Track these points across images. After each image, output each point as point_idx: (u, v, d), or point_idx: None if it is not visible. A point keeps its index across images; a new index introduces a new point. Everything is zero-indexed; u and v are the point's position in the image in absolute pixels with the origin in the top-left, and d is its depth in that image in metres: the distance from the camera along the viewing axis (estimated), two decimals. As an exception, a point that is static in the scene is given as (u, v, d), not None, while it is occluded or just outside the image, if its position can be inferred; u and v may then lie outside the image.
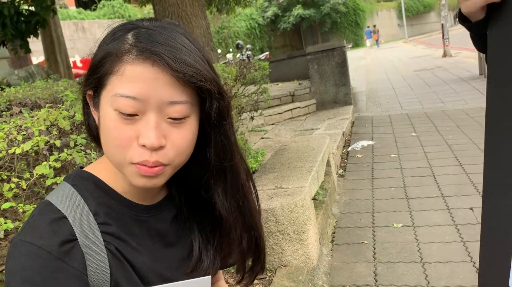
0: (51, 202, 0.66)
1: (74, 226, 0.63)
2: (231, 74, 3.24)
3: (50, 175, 1.26)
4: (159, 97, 0.62)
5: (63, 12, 20.86)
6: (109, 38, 0.66)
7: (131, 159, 0.64)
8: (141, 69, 0.61)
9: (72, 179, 0.70)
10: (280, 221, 2.58)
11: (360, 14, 33.73)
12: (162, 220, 0.75)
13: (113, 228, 0.68)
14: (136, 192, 0.72)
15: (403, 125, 6.41)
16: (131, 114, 0.62)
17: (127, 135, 0.63)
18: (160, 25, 0.67)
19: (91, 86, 0.68)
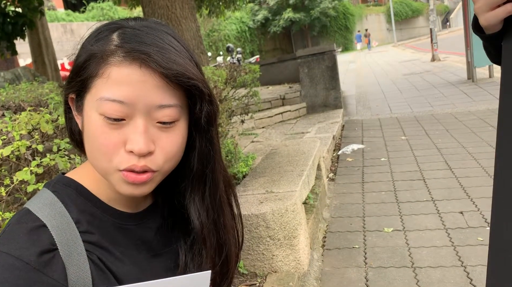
0: (30, 210, 0.62)
1: (54, 235, 0.59)
2: (221, 77, 3.21)
3: (32, 181, 1.21)
4: (147, 101, 0.59)
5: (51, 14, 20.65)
6: (93, 39, 0.63)
7: (117, 165, 0.61)
8: (128, 72, 0.58)
9: (52, 185, 0.67)
10: (270, 226, 2.54)
11: (349, 18, 34.01)
12: (147, 229, 0.72)
13: (96, 237, 0.64)
14: (121, 199, 0.69)
15: (392, 129, 6.43)
16: (117, 119, 0.59)
17: (113, 141, 0.60)
18: (147, 24, 0.64)
19: (73, 90, 0.64)
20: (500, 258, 0.67)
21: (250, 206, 2.65)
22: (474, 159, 4.50)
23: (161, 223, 0.74)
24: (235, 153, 3.45)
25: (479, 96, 7.79)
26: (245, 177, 3.36)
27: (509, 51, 0.64)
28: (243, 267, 2.63)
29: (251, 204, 2.68)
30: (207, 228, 0.73)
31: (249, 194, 2.87)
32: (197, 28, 5.62)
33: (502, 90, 0.65)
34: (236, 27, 29.79)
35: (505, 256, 0.66)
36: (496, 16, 0.63)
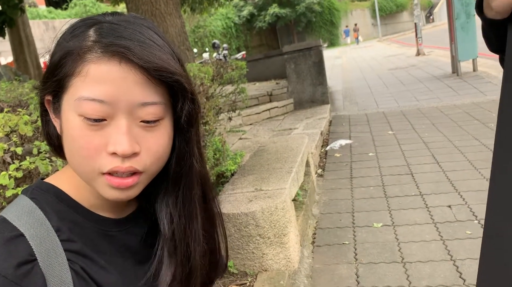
0: (6, 219, 0.58)
1: (33, 245, 0.56)
2: (207, 74, 3.16)
3: (10, 186, 1.16)
4: (129, 98, 0.56)
5: (33, 11, 20.24)
6: (68, 35, 0.59)
7: (100, 168, 0.57)
8: (107, 68, 0.55)
9: (30, 191, 0.63)
10: (260, 225, 2.52)
11: (335, 14, 34.11)
12: (132, 235, 0.68)
13: (78, 245, 0.61)
14: (104, 205, 0.65)
15: (379, 124, 6.46)
16: (98, 120, 0.56)
17: (95, 143, 0.56)
18: (125, 19, 0.60)
19: (49, 91, 0.60)
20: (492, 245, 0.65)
21: (239, 204, 2.62)
22: (461, 152, 4.54)
23: (146, 231, 0.71)
24: (223, 150, 3.41)
25: (464, 90, 7.87)
26: (233, 175, 3.32)
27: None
28: (233, 267, 2.60)
29: (240, 202, 2.65)
30: (179, 234, 0.68)
31: (238, 192, 2.84)
32: (182, 24, 5.54)
33: (504, 78, 0.63)
34: (221, 23, 29.63)
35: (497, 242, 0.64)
36: (506, 3, 0.59)
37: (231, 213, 2.55)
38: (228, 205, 2.66)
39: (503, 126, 0.63)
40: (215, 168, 3.16)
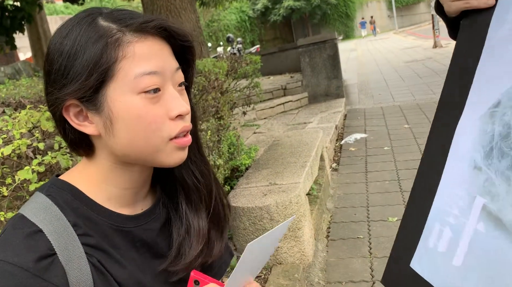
0: (24, 215, 0.60)
1: (51, 240, 0.58)
2: (222, 69, 3.18)
3: (34, 180, 1.20)
4: (169, 66, 0.63)
5: (50, 7, 20.52)
6: (86, 33, 0.59)
7: (169, 134, 0.62)
8: (149, 44, 0.61)
9: (46, 189, 0.64)
10: (274, 218, 2.54)
11: (350, 6, 33.67)
12: (148, 231, 0.69)
13: (95, 239, 0.62)
14: (119, 201, 0.67)
15: (395, 117, 6.39)
16: (156, 90, 0.61)
17: (160, 114, 0.61)
18: (113, 8, 0.66)
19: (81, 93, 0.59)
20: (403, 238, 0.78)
21: (254, 198, 2.64)
22: (478, 147, 4.47)
23: (164, 223, 0.73)
24: (238, 144, 3.43)
25: (482, 82, 7.71)
26: (248, 169, 3.35)
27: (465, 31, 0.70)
28: (248, 260, 2.63)
29: (254, 196, 2.68)
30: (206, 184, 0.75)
31: (252, 186, 2.87)
32: (197, 19, 5.57)
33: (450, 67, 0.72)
34: (235, 17, 29.56)
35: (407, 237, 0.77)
36: (458, 8, 0.69)
37: (245, 207, 2.57)
38: (242, 199, 2.68)
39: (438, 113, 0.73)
40: (229, 162, 3.19)
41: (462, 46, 0.70)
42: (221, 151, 2.90)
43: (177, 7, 5.23)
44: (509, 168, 0.61)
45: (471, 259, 0.65)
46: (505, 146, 0.62)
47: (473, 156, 0.66)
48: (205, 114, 2.77)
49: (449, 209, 0.69)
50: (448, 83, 0.73)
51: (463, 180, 0.68)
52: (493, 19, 0.64)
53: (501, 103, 0.63)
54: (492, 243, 0.63)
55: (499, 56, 0.63)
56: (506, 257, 0.61)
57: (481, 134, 0.65)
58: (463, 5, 0.68)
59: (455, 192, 0.69)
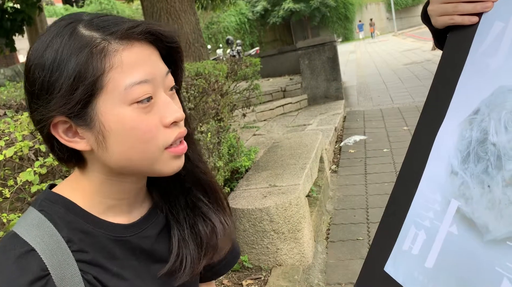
0: (16, 233, 0.58)
1: (44, 259, 0.56)
2: (222, 72, 3.19)
3: (35, 182, 1.21)
4: (159, 71, 0.60)
5: (50, 9, 20.56)
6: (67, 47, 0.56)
7: (165, 143, 0.60)
8: (136, 50, 0.58)
9: (39, 203, 0.62)
10: (274, 220, 2.55)
11: (349, 8, 33.76)
12: (145, 238, 0.68)
13: (90, 255, 0.61)
14: (115, 211, 0.65)
15: (394, 120, 6.41)
16: (149, 99, 0.58)
17: (154, 123, 0.59)
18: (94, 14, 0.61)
19: (68, 109, 0.56)
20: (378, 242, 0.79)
21: (254, 200, 2.65)
22: (477, 149, 4.48)
23: (162, 228, 0.71)
24: (238, 146, 3.44)
25: (481, 85, 7.74)
26: (248, 171, 3.35)
27: (450, 44, 0.74)
28: (248, 261, 2.64)
29: (254, 198, 2.68)
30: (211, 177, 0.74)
31: (252, 188, 2.87)
32: (197, 21, 5.59)
33: (435, 77, 0.75)
34: (235, 19, 29.62)
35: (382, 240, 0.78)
36: (444, 23, 0.73)
37: (245, 209, 2.58)
38: (242, 200, 2.69)
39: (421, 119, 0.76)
40: (229, 163, 3.20)
41: (447, 58, 0.74)
42: (221, 152, 2.91)
43: (177, 9, 5.25)
44: (484, 172, 0.63)
45: (443, 260, 0.67)
46: (481, 151, 0.64)
47: (450, 161, 0.69)
48: (205, 116, 2.78)
49: (425, 213, 0.71)
50: (432, 91, 0.76)
51: (440, 184, 0.69)
52: (476, 35, 0.69)
53: (480, 110, 0.66)
54: (464, 245, 0.64)
55: (480, 68, 0.67)
56: (477, 259, 0.62)
57: (459, 140, 0.68)
58: (448, 21, 0.72)
59: (432, 196, 0.70)
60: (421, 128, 0.76)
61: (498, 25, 0.66)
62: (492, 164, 0.62)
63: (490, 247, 0.61)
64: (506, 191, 0.60)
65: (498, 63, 0.65)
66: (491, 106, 0.64)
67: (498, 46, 0.65)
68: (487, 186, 0.63)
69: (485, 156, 0.64)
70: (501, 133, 0.62)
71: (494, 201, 0.61)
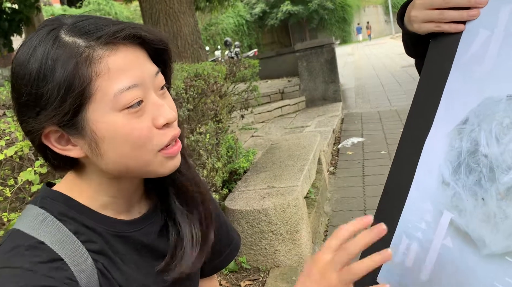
0: (20, 230, 0.57)
1: (56, 250, 0.56)
2: (221, 73, 3.20)
3: (36, 181, 1.21)
4: (148, 73, 0.59)
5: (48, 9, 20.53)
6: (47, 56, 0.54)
7: (159, 145, 0.59)
8: (122, 55, 0.56)
9: (39, 201, 0.61)
10: (272, 221, 2.55)
11: (347, 10, 33.84)
12: (147, 234, 0.68)
13: (98, 245, 0.61)
14: (114, 208, 0.66)
15: (392, 122, 6.43)
16: (139, 103, 0.57)
17: (146, 126, 0.58)
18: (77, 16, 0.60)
19: (58, 119, 0.55)
20: None
21: (252, 201, 2.66)
22: (474, 151, 4.50)
23: (162, 226, 0.72)
24: (236, 148, 3.45)
25: (478, 87, 7.77)
26: (246, 172, 3.36)
27: (434, 51, 0.72)
28: (246, 262, 2.64)
29: (253, 199, 2.69)
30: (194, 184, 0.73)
31: (250, 189, 2.88)
32: (195, 23, 5.59)
33: (418, 85, 0.74)
34: (233, 21, 29.64)
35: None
36: (429, 29, 0.71)
37: (244, 210, 2.59)
38: (241, 201, 2.70)
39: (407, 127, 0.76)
40: (228, 165, 3.21)
41: (431, 65, 0.72)
42: (219, 154, 2.92)
43: (176, 11, 5.25)
44: (477, 183, 0.62)
45: (438, 274, 0.66)
46: (472, 162, 0.63)
47: (441, 171, 0.67)
48: (204, 117, 2.78)
49: (416, 224, 0.69)
50: (416, 99, 0.74)
51: (431, 194, 0.68)
52: (461, 42, 0.68)
53: (468, 120, 0.65)
54: (460, 258, 0.63)
55: (466, 76, 0.66)
56: (474, 273, 0.61)
57: (449, 150, 0.67)
58: (434, 28, 0.70)
59: (423, 206, 0.69)
60: (407, 138, 0.75)
61: (484, 33, 0.65)
62: (485, 176, 0.62)
63: (488, 262, 0.60)
64: (501, 205, 0.59)
65: (484, 72, 0.64)
66: (480, 117, 0.63)
67: (484, 54, 0.64)
68: (480, 199, 0.62)
69: (477, 167, 0.63)
70: (492, 145, 0.61)
71: (489, 214, 0.61)
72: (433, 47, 0.72)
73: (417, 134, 0.72)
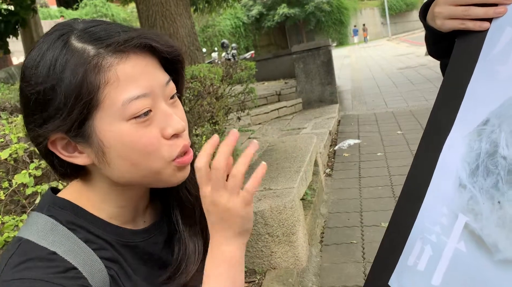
0: (31, 240, 0.56)
1: (69, 259, 0.55)
2: (217, 75, 3.20)
3: (30, 184, 1.21)
4: (158, 82, 0.58)
5: (44, 11, 20.48)
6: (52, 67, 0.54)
7: (170, 156, 0.58)
8: (132, 63, 0.55)
9: (47, 208, 0.60)
10: (269, 223, 2.55)
11: (344, 13, 33.98)
12: (154, 244, 0.68)
13: (110, 252, 0.61)
14: (120, 218, 0.65)
15: (388, 124, 6.45)
16: (147, 113, 0.56)
17: (154, 136, 0.57)
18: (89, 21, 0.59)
19: (67, 126, 0.55)
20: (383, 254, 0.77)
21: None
22: (470, 153, 4.52)
23: (167, 236, 0.71)
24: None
25: (474, 89, 7.80)
26: (242, 174, 3.36)
27: (458, 50, 0.70)
28: (242, 264, 2.64)
29: (249, 201, 2.69)
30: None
31: (247, 191, 2.88)
32: (192, 25, 5.60)
33: (442, 84, 0.72)
34: (230, 23, 29.68)
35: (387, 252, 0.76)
36: (453, 27, 0.68)
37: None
38: (237, 203, 2.69)
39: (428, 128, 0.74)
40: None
41: (455, 65, 0.71)
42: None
43: (172, 13, 5.26)
44: (494, 186, 0.61)
45: (450, 279, 0.64)
46: (491, 164, 0.62)
47: (458, 173, 0.66)
48: (200, 119, 2.78)
49: (431, 227, 0.68)
50: (439, 98, 0.73)
51: (448, 197, 0.67)
52: (486, 41, 0.65)
53: (489, 121, 0.63)
54: (473, 263, 0.62)
55: (489, 76, 0.64)
56: (486, 278, 0.60)
57: (468, 151, 0.65)
58: (458, 25, 0.68)
59: (439, 210, 0.68)
60: (428, 138, 0.73)
61: (510, 31, 0.62)
62: (502, 179, 0.60)
63: (500, 268, 0.59)
64: None
65: (508, 72, 0.62)
66: (501, 118, 0.61)
67: (509, 53, 0.62)
68: (497, 202, 0.60)
69: (495, 170, 0.61)
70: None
71: (505, 219, 0.59)
72: (458, 46, 0.70)
73: (437, 135, 0.71)
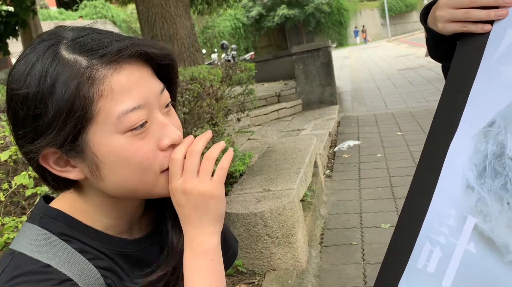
0: (23, 253, 0.54)
1: (64, 271, 0.54)
2: (217, 76, 3.21)
3: (30, 185, 1.21)
4: (153, 91, 0.57)
5: (44, 12, 20.49)
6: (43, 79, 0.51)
7: (162, 166, 0.58)
8: (126, 74, 0.53)
9: (39, 219, 0.58)
10: (268, 225, 2.55)
11: (343, 14, 34.04)
12: (149, 253, 0.68)
13: (106, 262, 0.60)
14: (116, 228, 0.64)
15: (388, 125, 6.45)
16: (143, 125, 0.55)
17: (150, 148, 0.56)
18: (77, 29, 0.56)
19: (59, 141, 0.52)
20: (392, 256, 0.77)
21: (248, 204, 2.66)
22: (470, 154, 4.52)
23: (162, 245, 0.70)
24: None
25: (473, 91, 7.81)
26: (242, 175, 3.36)
27: (461, 52, 0.70)
28: (242, 266, 2.64)
29: (248, 202, 2.69)
30: None
31: (246, 193, 2.88)
32: (192, 26, 5.61)
33: (445, 86, 0.72)
34: (230, 24, 29.70)
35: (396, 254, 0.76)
36: (455, 30, 0.68)
37: (239, 213, 2.59)
38: (237, 205, 2.70)
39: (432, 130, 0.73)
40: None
41: (457, 67, 0.71)
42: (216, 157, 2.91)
43: (172, 14, 5.26)
44: (503, 188, 0.61)
45: (461, 280, 0.64)
46: (498, 165, 0.62)
47: (465, 174, 0.66)
48: (200, 120, 2.79)
49: (439, 228, 0.68)
50: (442, 101, 0.72)
51: (455, 199, 0.67)
52: (488, 43, 0.66)
53: (495, 123, 0.63)
54: (483, 265, 0.62)
55: (494, 78, 0.64)
56: (497, 279, 0.60)
57: (474, 153, 0.65)
58: (460, 28, 0.67)
59: (446, 211, 0.67)
60: (433, 140, 0.73)
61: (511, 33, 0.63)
62: (511, 180, 0.60)
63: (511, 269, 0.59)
64: None
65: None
66: (507, 119, 0.61)
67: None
68: (506, 203, 0.60)
69: (503, 171, 0.61)
70: None
71: None
72: (460, 48, 0.70)
73: (442, 137, 0.70)
